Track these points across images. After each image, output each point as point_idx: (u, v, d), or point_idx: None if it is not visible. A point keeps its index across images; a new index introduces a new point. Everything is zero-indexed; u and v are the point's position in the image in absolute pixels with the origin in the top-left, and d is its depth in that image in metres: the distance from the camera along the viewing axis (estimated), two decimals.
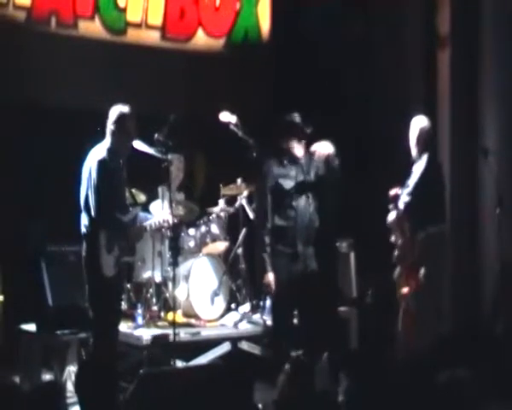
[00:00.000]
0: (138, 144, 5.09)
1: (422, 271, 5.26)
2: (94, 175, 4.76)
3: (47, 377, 5.15)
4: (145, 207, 5.78)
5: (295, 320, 5.24)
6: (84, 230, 4.83)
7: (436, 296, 5.38)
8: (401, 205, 5.36)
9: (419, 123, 5.48)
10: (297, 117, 5.17)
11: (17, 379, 5.09)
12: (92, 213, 4.75)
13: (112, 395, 2.98)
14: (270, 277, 5.11)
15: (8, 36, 6.03)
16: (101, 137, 4.92)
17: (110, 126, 4.86)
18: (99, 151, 4.86)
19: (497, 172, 6.05)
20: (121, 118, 4.84)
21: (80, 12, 6.42)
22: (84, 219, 4.83)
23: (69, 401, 4.74)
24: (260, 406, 4.13)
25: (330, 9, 6.91)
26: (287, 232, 5.08)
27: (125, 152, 4.92)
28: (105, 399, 2.96)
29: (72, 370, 5.12)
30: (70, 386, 5.07)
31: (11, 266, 5.62)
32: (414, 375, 3.28)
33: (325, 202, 5.27)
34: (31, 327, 5.39)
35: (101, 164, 4.77)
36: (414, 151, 5.45)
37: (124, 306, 5.90)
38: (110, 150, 4.85)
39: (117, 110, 4.87)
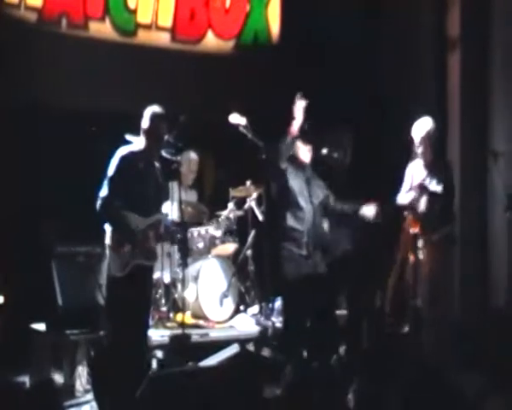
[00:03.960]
0: None
1: (431, 272, 5.27)
2: (111, 169, 4.68)
3: (56, 376, 5.16)
4: None
5: (305, 321, 5.22)
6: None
7: (445, 300, 5.38)
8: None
9: (426, 124, 5.50)
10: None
11: (27, 379, 5.11)
12: (97, 206, 4.64)
13: (122, 395, 2.99)
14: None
15: (20, 36, 6.06)
16: (114, 137, 4.89)
17: (143, 126, 4.79)
18: (126, 149, 4.77)
19: (506, 175, 6.04)
20: (154, 118, 4.76)
21: (90, 13, 6.45)
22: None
23: (79, 400, 4.76)
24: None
25: (340, 11, 6.91)
26: (299, 233, 5.07)
27: (155, 153, 4.81)
28: (116, 398, 2.97)
29: (81, 370, 5.13)
30: (79, 386, 5.09)
31: (22, 265, 5.65)
32: (421, 377, 3.28)
33: (331, 206, 5.28)
34: (40, 327, 5.42)
35: (122, 160, 4.68)
36: (420, 152, 5.46)
37: None
38: (140, 150, 4.77)
39: (150, 110, 4.80)
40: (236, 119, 5.61)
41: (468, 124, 6.57)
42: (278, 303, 5.97)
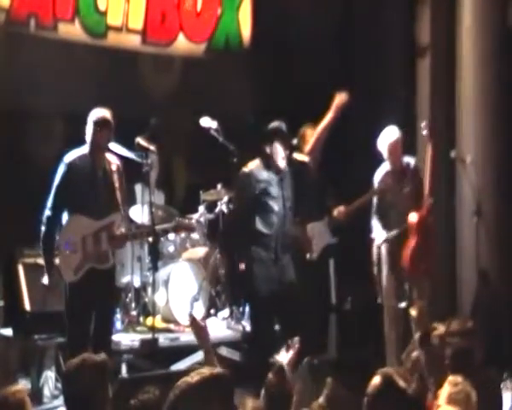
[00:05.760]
0: (118, 148, 5.03)
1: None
2: (57, 178, 4.68)
3: (23, 382, 5.09)
4: None
5: (274, 326, 5.21)
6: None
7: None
8: None
9: (396, 133, 5.59)
10: (283, 125, 5.12)
11: None
12: (46, 213, 4.65)
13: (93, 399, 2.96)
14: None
15: None
16: (81, 140, 4.86)
17: (88, 129, 4.75)
18: (71, 156, 4.76)
19: (474, 182, 6.12)
20: (100, 122, 4.72)
21: (60, 14, 6.38)
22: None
23: (46, 406, 4.70)
24: None
25: (312, 15, 6.93)
26: (268, 238, 5.04)
27: (102, 156, 4.77)
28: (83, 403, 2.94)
29: (49, 375, 5.07)
30: (47, 391, 5.02)
31: None
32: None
33: (303, 210, 5.29)
34: (7, 332, 5.34)
35: (68, 167, 4.68)
36: (392, 160, 5.54)
37: None
38: (86, 154, 4.75)
39: (95, 113, 4.77)
40: (207, 122, 5.60)
41: (437, 132, 6.64)
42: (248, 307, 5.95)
